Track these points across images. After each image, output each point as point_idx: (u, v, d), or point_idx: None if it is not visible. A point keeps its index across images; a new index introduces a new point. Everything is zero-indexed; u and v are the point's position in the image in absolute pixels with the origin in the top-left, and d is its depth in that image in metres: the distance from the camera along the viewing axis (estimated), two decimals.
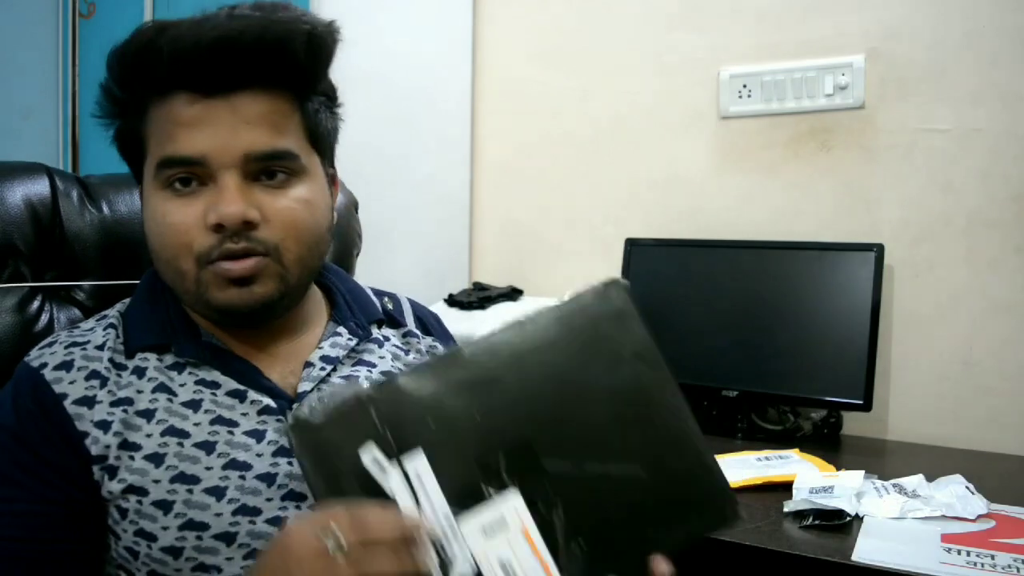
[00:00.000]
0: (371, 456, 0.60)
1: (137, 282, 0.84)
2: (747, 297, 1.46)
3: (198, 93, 0.70)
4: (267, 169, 0.72)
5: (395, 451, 0.60)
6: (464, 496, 0.60)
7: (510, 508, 0.60)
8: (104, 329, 0.77)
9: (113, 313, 0.80)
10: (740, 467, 1.16)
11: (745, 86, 1.55)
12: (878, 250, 1.37)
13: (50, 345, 0.76)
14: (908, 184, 1.45)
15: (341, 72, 0.81)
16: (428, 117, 1.84)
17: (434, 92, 1.83)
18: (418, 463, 0.60)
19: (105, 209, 0.99)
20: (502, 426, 0.62)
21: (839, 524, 0.97)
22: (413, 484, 0.60)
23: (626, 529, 0.62)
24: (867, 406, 1.34)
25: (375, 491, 0.59)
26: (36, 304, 0.93)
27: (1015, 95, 1.37)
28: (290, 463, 0.73)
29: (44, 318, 0.93)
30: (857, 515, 0.99)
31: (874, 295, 1.36)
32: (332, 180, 0.82)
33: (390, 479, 0.60)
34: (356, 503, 0.57)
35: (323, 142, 0.78)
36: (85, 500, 0.71)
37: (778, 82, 1.52)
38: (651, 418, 0.64)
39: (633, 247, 1.58)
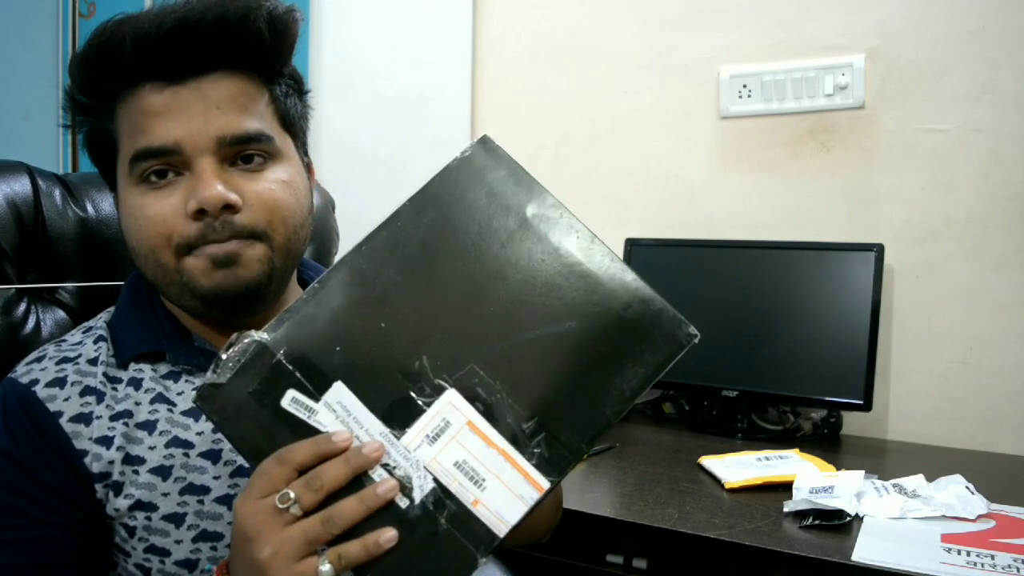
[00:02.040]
0: (296, 403, 0.57)
1: (124, 283, 0.81)
2: (747, 297, 1.46)
3: (165, 80, 0.69)
4: (243, 153, 0.70)
5: (314, 391, 0.57)
6: (399, 412, 0.57)
7: (448, 407, 0.57)
8: (94, 342, 0.75)
9: (99, 324, 0.78)
10: (740, 467, 1.16)
11: (745, 86, 1.55)
12: (878, 250, 1.37)
13: (38, 360, 0.73)
14: (908, 184, 1.45)
15: (341, 71, 0.81)
16: (427, 117, 1.84)
17: (434, 92, 1.83)
18: (341, 395, 0.57)
19: (89, 208, 0.97)
20: (413, 328, 0.58)
21: (839, 524, 0.97)
22: (341, 417, 0.57)
23: (578, 387, 0.58)
24: (867, 406, 1.34)
25: (307, 436, 0.56)
26: (22, 307, 0.91)
27: (1015, 95, 1.37)
28: None
29: (31, 320, 0.91)
30: (857, 515, 0.99)
31: (874, 295, 1.36)
32: (308, 168, 0.80)
33: (322, 418, 0.56)
34: (287, 451, 0.55)
35: (295, 126, 0.77)
36: (87, 521, 0.69)
37: (778, 82, 1.52)
38: (568, 267, 0.60)
39: (633, 247, 1.58)
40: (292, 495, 0.53)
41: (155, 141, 0.68)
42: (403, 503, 0.55)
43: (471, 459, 0.56)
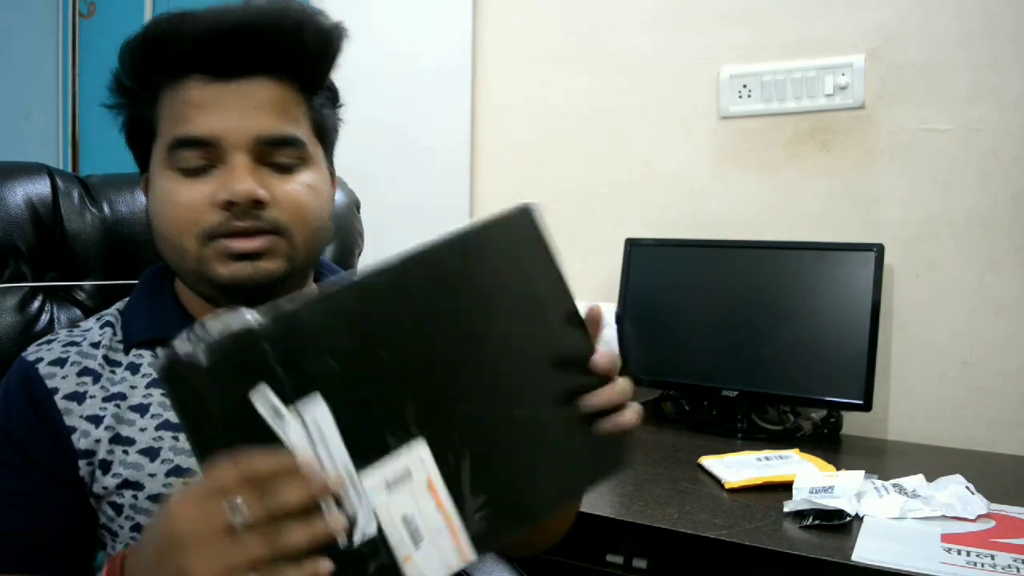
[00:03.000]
0: (264, 399, 0.51)
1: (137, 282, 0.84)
2: (747, 297, 1.46)
3: (211, 76, 0.72)
4: (275, 154, 0.73)
5: (291, 396, 0.52)
6: (367, 447, 0.54)
7: (416, 459, 0.55)
8: (101, 327, 0.79)
9: (112, 311, 0.82)
10: (740, 467, 1.16)
11: (745, 86, 1.55)
12: (878, 250, 1.37)
13: (48, 342, 0.77)
14: (908, 184, 1.45)
15: (342, 72, 0.82)
16: (428, 117, 1.84)
17: (434, 92, 1.83)
18: (316, 410, 0.52)
19: (106, 209, 1.00)
20: (413, 368, 0.56)
21: (839, 524, 0.97)
22: (312, 434, 0.52)
23: (536, 477, 0.59)
24: (867, 406, 1.34)
25: (266, 441, 0.51)
26: (36, 304, 0.93)
27: (1015, 95, 1.37)
28: None
29: (44, 318, 0.93)
30: (857, 515, 0.99)
31: (874, 295, 1.36)
32: (332, 176, 0.84)
33: (287, 428, 0.51)
34: (246, 458, 0.50)
35: (327, 137, 0.80)
36: (69, 498, 0.72)
37: (778, 82, 1.52)
38: (563, 358, 0.61)
39: (633, 247, 1.58)
40: (244, 512, 0.48)
41: (195, 131, 0.71)
42: (341, 541, 0.52)
43: (418, 517, 0.55)
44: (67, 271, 0.97)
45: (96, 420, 0.73)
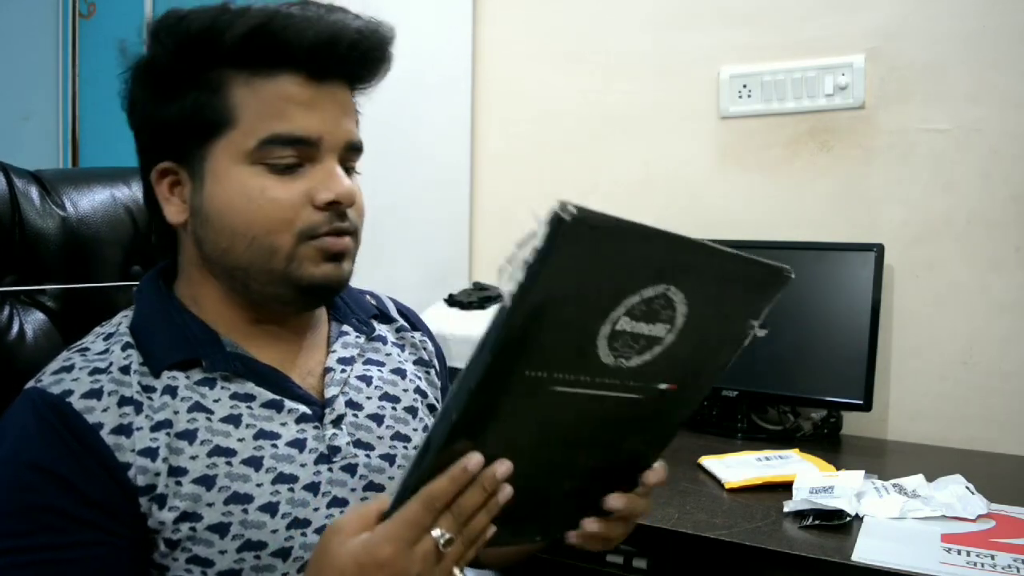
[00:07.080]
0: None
1: (110, 284, 0.80)
2: None
3: (307, 74, 0.72)
4: (349, 159, 0.76)
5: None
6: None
7: None
8: (122, 349, 0.72)
9: (122, 330, 0.74)
10: (740, 467, 1.16)
11: (745, 86, 1.55)
12: (878, 250, 1.37)
13: (67, 371, 0.69)
14: (908, 184, 1.45)
15: None
16: (428, 117, 1.84)
17: (434, 92, 1.83)
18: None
19: (68, 206, 0.93)
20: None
21: (839, 524, 0.97)
22: None
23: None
24: (867, 406, 1.34)
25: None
26: (6, 313, 0.86)
27: (1015, 95, 1.37)
28: (330, 469, 0.73)
29: (16, 326, 0.87)
30: (857, 515, 0.99)
31: (874, 295, 1.36)
32: None
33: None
34: (431, 494, 0.56)
35: None
36: (132, 537, 0.66)
37: (778, 82, 1.52)
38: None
39: None
40: (448, 535, 0.57)
41: (296, 129, 0.71)
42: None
43: None
44: (29, 273, 0.89)
45: (151, 453, 0.67)
